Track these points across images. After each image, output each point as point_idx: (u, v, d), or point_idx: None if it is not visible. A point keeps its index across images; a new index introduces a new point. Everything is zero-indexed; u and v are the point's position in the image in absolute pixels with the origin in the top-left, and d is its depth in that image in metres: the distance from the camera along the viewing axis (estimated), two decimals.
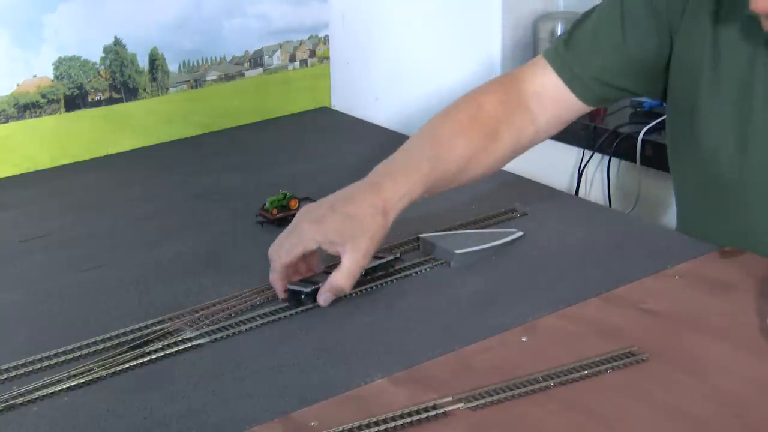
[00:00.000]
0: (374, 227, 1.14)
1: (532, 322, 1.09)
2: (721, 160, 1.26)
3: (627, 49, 1.30)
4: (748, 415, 0.91)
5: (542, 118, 1.34)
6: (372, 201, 1.16)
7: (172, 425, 0.93)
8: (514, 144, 1.32)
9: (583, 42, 1.32)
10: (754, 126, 1.22)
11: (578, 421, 0.91)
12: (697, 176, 1.32)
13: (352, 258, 1.13)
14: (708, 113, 1.26)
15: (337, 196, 1.18)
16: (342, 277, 1.13)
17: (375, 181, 1.19)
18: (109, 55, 1.76)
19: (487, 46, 1.93)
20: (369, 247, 1.14)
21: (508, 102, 1.33)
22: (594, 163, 1.91)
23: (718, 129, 1.25)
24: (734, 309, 1.10)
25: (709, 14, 1.24)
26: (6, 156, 1.69)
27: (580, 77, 1.32)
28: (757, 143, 1.22)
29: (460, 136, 1.28)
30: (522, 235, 1.31)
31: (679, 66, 1.29)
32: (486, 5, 1.91)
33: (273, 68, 1.97)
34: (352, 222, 1.14)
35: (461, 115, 1.31)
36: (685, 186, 1.37)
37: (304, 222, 1.16)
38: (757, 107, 1.22)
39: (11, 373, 1.02)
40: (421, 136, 1.30)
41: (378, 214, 1.15)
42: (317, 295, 1.14)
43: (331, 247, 1.14)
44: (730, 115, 1.24)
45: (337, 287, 1.13)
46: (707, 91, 1.26)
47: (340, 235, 1.13)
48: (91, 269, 1.29)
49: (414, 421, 0.91)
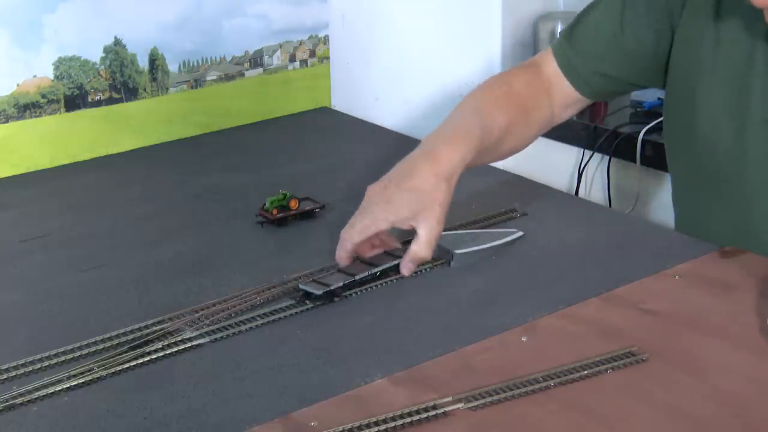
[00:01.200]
0: (441, 195, 1.20)
1: (532, 322, 1.09)
2: (719, 153, 1.26)
3: (624, 40, 1.32)
4: (748, 415, 0.91)
5: (555, 103, 1.40)
6: (433, 170, 1.20)
7: (172, 425, 0.93)
8: (539, 122, 1.39)
9: (584, 35, 1.36)
10: (752, 118, 1.23)
11: (578, 421, 0.91)
12: (694, 169, 1.32)
13: (427, 227, 1.18)
14: (706, 105, 1.27)
15: (399, 172, 1.22)
16: (422, 246, 1.19)
17: (431, 150, 1.23)
18: (109, 55, 1.76)
19: (487, 46, 1.93)
20: (440, 214, 1.19)
21: (533, 83, 1.38)
22: (594, 163, 1.91)
23: (715, 121, 1.26)
24: (734, 309, 1.10)
25: (710, 6, 1.25)
26: (6, 156, 1.69)
27: (579, 71, 1.36)
28: (754, 135, 1.23)
29: (499, 108, 1.33)
30: (522, 235, 1.31)
31: (679, 58, 1.30)
32: (486, 5, 1.91)
33: (273, 68, 1.97)
34: (419, 196, 1.19)
35: (495, 92, 1.36)
36: (683, 180, 1.38)
37: (374, 205, 1.21)
38: (754, 97, 1.22)
39: (11, 373, 1.02)
40: (462, 109, 1.34)
41: (441, 182, 1.20)
42: (400, 266, 1.20)
43: (405, 224, 1.20)
44: (728, 107, 1.25)
45: (419, 257, 1.19)
46: (706, 81, 1.26)
47: (411, 211, 1.19)
48: (91, 269, 1.29)
49: (414, 421, 0.91)
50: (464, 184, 1.30)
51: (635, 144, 1.77)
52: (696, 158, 1.30)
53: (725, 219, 1.29)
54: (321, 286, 1.16)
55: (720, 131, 1.26)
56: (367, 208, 1.21)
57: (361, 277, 1.19)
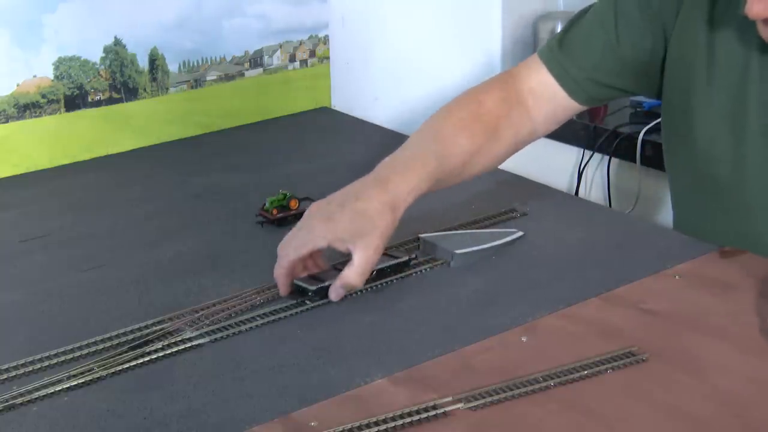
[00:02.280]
0: (383, 224, 1.15)
1: (532, 322, 1.09)
2: (717, 159, 1.26)
3: (620, 48, 1.30)
4: (748, 415, 0.91)
5: (538, 116, 1.35)
6: (380, 197, 1.17)
7: (172, 425, 0.93)
8: (513, 140, 1.34)
9: (577, 42, 1.34)
10: (750, 125, 1.23)
11: (578, 421, 0.91)
12: (693, 175, 1.32)
13: (363, 255, 1.14)
14: (703, 112, 1.26)
15: (345, 193, 1.19)
16: (354, 273, 1.14)
17: (382, 177, 1.20)
18: (109, 55, 1.76)
19: (487, 46, 1.93)
20: (379, 243, 1.15)
21: (507, 99, 1.34)
22: (594, 163, 1.91)
23: (713, 128, 1.26)
24: (734, 309, 1.10)
25: (703, 15, 1.25)
26: (6, 156, 1.69)
27: (573, 77, 1.33)
28: (752, 141, 1.23)
29: (463, 132, 1.29)
30: (522, 235, 1.31)
31: (674, 66, 1.29)
32: (486, 5, 1.91)
33: (273, 68, 1.97)
34: (361, 219, 1.15)
35: (463, 112, 1.32)
36: (682, 185, 1.37)
37: (314, 220, 1.17)
38: (751, 106, 1.22)
39: (11, 373, 1.02)
40: (424, 132, 1.30)
41: (387, 211, 1.16)
42: (329, 291, 1.15)
43: (342, 245, 1.15)
44: (725, 115, 1.24)
45: (349, 284, 1.14)
46: (702, 90, 1.26)
47: (350, 233, 1.14)
48: (91, 269, 1.29)
49: (414, 421, 0.91)
50: (464, 184, 1.30)
51: (635, 144, 1.77)
52: (694, 165, 1.30)
53: (724, 224, 1.28)
54: (315, 282, 1.16)
55: (718, 139, 1.25)
56: (307, 223, 1.17)
57: None
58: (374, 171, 1.22)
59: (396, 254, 1.22)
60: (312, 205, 1.20)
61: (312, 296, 1.15)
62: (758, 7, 1.09)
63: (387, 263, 1.20)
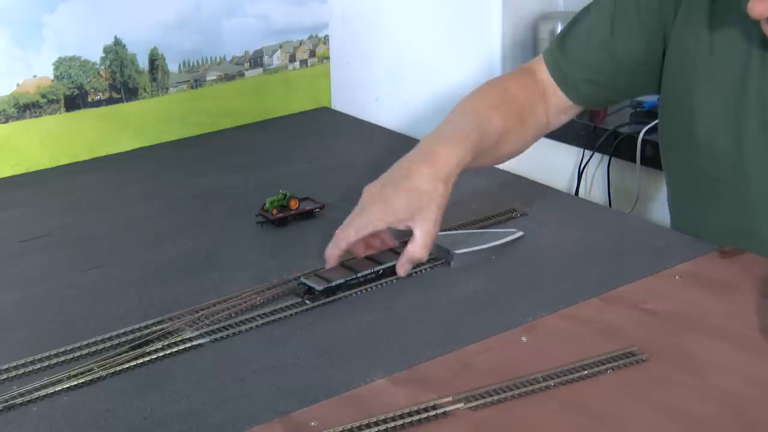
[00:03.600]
0: (438, 196, 1.19)
1: (532, 322, 1.09)
2: (717, 157, 1.26)
3: (615, 49, 1.32)
4: (748, 415, 0.91)
5: (550, 111, 1.40)
6: (431, 171, 1.20)
7: (172, 425, 0.93)
8: (535, 126, 1.39)
9: (576, 42, 1.36)
10: (749, 123, 1.23)
11: (578, 421, 0.91)
12: (692, 173, 1.32)
13: (424, 228, 1.18)
14: (703, 111, 1.27)
15: (395, 173, 1.22)
16: (419, 248, 1.18)
17: (429, 151, 1.23)
18: (109, 55, 1.76)
19: (487, 46, 1.93)
20: (437, 215, 1.19)
21: (529, 88, 1.39)
22: (594, 163, 1.91)
23: (713, 126, 1.26)
24: (734, 309, 1.10)
25: (704, 12, 1.25)
26: (6, 156, 1.69)
27: (570, 79, 1.36)
28: (752, 140, 1.23)
29: (496, 112, 1.33)
30: (522, 235, 1.31)
31: (674, 63, 1.30)
32: (486, 5, 1.91)
33: (273, 68, 1.97)
34: (416, 196, 1.19)
35: (492, 96, 1.37)
36: (680, 184, 1.38)
37: (371, 205, 1.21)
38: (751, 103, 1.22)
39: (11, 373, 1.02)
40: (460, 111, 1.34)
41: (439, 184, 1.20)
42: (396, 267, 1.19)
43: (401, 225, 1.19)
44: (726, 113, 1.25)
45: (415, 258, 1.19)
46: (702, 87, 1.27)
47: (408, 212, 1.19)
48: (91, 269, 1.29)
49: (414, 421, 0.91)
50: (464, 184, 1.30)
51: (635, 144, 1.77)
52: (694, 162, 1.30)
53: (723, 223, 1.29)
54: (322, 281, 1.16)
55: (718, 136, 1.26)
56: (364, 208, 1.21)
57: (363, 274, 1.19)
58: (418, 147, 1.25)
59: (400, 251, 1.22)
60: (366, 189, 1.23)
61: (319, 295, 1.15)
62: (760, 6, 1.09)
63: (391, 262, 1.20)
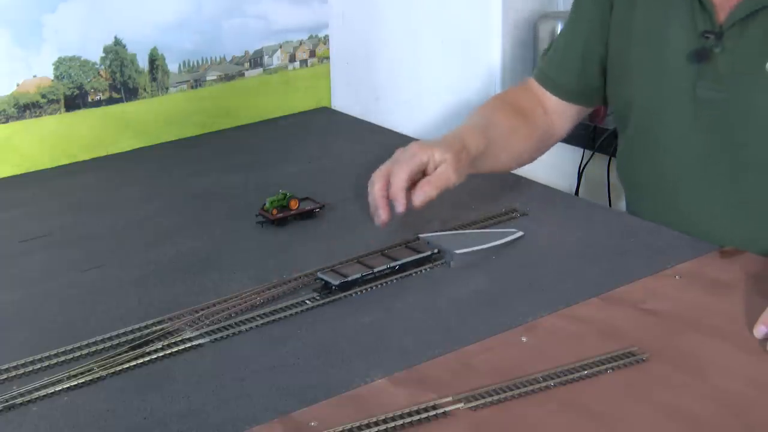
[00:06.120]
0: (461, 145, 1.30)
1: (532, 322, 1.09)
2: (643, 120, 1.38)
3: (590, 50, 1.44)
4: (748, 415, 0.91)
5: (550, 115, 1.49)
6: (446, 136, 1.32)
7: (172, 425, 0.93)
8: (540, 128, 1.48)
9: (554, 50, 1.51)
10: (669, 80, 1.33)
11: (578, 421, 0.91)
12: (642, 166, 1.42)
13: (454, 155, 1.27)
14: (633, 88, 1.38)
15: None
16: (451, 170, 1.26)
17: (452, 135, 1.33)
18: (109, 55, 1.76)
19: (487, 47, 1.93)
20: (462, 154, 1.29)
21: (526, 94, 1.51)
22: (594, 163, 1.91)
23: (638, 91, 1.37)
24: (734, 309, 1.10)
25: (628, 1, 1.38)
26: (6, 156, 1.69)
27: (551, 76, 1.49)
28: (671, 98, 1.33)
29: (498, 111, 1.45)
30: (522, 235, 1.31)
31: (613, 55, 1.42)
32: (485, 6, 1.91)
33: (273, 68, 1.97)
34: (447, 138, 1.31)
35: (491, 103, 1.50)
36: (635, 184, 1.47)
37: (402, 151, 1.28)
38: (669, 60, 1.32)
39: (11, 373, 1.02)
40: (469, 118, 1.44)
41: (463, 144, 1.31)
42: (419, 185, 1.23)
43: (434, 152, 1.26)
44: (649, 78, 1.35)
45: (450, 179, 1.25)
46: (635, 60, 1.37)
47: (440, 144, 1.28)
48: (91, 269, 1.29)
49: (414, 421, 0.91)
50: (464, 184, 1.30)
51: None
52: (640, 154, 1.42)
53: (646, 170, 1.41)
54: (339, 276, 1.17)
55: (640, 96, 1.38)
56: (400, 153, 1.27)
57: (379, 269, 1.19)
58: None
59: (418, 248, 1.24)
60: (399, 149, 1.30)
61: (335, 290, 1.16)
62: None
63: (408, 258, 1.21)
